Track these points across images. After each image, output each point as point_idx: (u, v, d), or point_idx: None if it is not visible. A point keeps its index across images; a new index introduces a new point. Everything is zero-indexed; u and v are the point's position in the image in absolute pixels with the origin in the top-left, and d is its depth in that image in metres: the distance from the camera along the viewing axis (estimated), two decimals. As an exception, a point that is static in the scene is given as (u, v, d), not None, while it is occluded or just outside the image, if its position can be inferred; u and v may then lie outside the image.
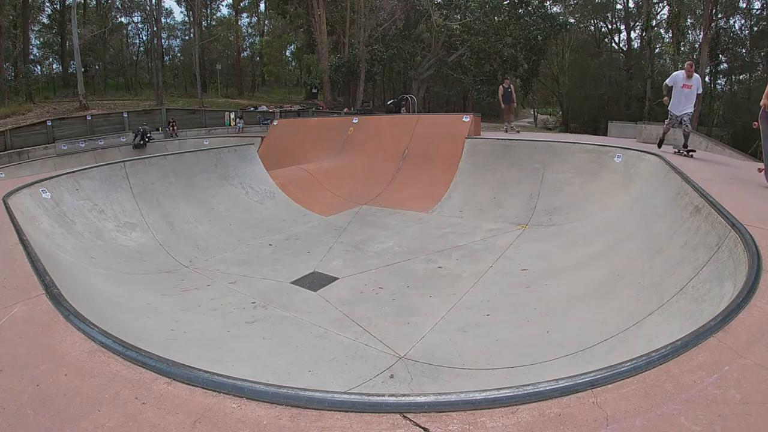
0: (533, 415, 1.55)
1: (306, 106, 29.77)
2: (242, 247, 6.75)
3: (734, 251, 2.75)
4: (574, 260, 5.27)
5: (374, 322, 4.30)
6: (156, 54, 33.74)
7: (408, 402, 1.66)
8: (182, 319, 4.23)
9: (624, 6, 35.79)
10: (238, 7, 43.15)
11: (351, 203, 9.07)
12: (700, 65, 26.18)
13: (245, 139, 19.21)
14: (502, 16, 27.77)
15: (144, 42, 42.02)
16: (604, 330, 3.28)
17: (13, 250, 3.42)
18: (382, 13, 30.70)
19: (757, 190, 4.55)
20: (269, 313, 4.55)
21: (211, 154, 8.61)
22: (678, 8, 25.71)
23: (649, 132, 10.56)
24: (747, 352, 1.80)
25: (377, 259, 6.07)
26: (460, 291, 4.90)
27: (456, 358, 3.57)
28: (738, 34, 29.90)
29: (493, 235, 6.84)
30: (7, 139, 19.26)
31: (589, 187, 7.49)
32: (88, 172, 6.72)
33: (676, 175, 4.95)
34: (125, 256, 5.80)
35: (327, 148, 11.70)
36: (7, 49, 29.35)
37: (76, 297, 2.97)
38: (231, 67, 42.29)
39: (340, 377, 3.34)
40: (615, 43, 38.64)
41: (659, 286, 3.35)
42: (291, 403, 1.67)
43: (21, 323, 2.35)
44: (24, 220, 4.62)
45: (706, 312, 2.43)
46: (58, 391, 1.79)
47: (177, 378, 1.85)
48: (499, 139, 9.34)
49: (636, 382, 1.68)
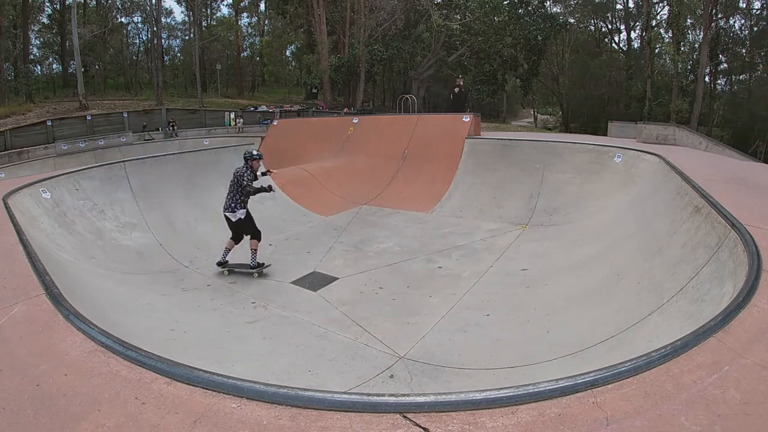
0: (533, 415, 1.55)
1: (306, 106, 29.79)
2: (242, 246, 6.74)
3: (734, 251, 2.75)
4: (574, 260, 5.26)
5: (374, 322, 4.30)
6: (156, 54, 33.75)
7: (408, 402, 1.66)
8: (182, 319, 4.24)
9: (624, 6, 35.85)
10: (238, 7, 43.15)
11: (351, 203, 9.06)
12: (700, 65, 26.20)
13: (245, 139, 19.21)
14: (502, 16, 27.75)
15: (144, 42, 42.08)
16: (604, 330, 3.28)
17: (13, 250, 3.42)
18: (382, 13, 30.70)
19: (757, 190, 4.55)
20: (269, 313, 4.55)
21: (211, 154, 8.61)
22: (678, 8, 25.67)
23: (649, 132, 10.55)
24: (747, 352, 1.80)
25: (377, 259, 6.07)
26: (460, 291, 4.89)
27: (456, 358, 3.57)
28: (738, 34, 29.93)
29: (493, 235, 6.84)
30: (7, 139, 19.27)
31: (589, 187, 7.49)
32: (88, 172, 6.72)
33: (676, 175, 4.95)
34: (125, 256, 5.80)
35: (327, 148, 11.70)
36: (7, 49, 29.35)
37: (76, 297, 2.97)
38: (231, 67, 42.31)
39: (340, 377, 3.34)
40: (615, 43, 38.68)
41: (659, 286, 3.35)
42: (291, 403, 1.67)
43: (21, 323, 2.35)
44: (24, 220, 4.62)
45: (706, 312, 2.43)
46: (58, 391, 1.79)
47: (177, 378, 1.85)
48: (499, 139, 9.34)
49: (636, 382, 1.67)
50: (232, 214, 5.55)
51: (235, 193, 5.54)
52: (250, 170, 5.61)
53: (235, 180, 5.55)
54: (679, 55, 27.16)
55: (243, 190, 5.51)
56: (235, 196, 5.54)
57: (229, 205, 5.56)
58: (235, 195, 5.54)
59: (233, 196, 5.55)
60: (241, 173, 5.54)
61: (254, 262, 5.62)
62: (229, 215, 5.58)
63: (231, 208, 5.55)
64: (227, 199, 5.59)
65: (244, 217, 5.60)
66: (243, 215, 5.58)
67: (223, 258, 5.71)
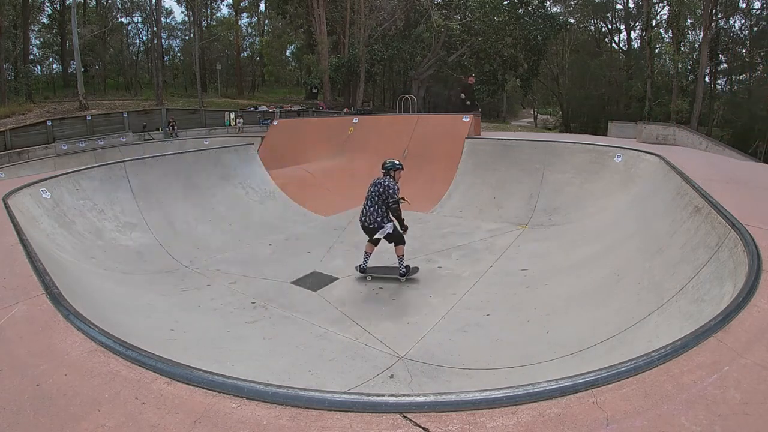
0: (533, 415, 1.55)
1: (306, 106, 29.80)
2: (242, 247, 6.75)
3: (734, 251, 2.75)
4: (574, 260, 5.26)
5: (374, 322, 4.30)
6: (156, 54, 33.76)
7: (408, 402, 1.66)
8: (182, 319, 4.23)
9: (624, 6, 35.85)
10: (238, 7, 43.15)
11: (351, 203, 9.06)
12: (700, 65, 26.19)
13: (245, 139, 19.21)
14: (502, 16, 27.77)
15: (144, 42, 42.09)
16: (604, 330, 3.28)
17: (13, 250, 3.42)
18: (382, 13, 30.70)
19: (757, 190, 4.55)
20: (269, 313, 4.55)
21: (211, 154, 8.61)
22: (678, 8, 25.68)
23: (649, 132, 10.55)
24: (747, 352, 1.79)
25: (377, 260, 6.06)
26: (460, 291, 4.90)
27: (456, 358, 3.57)
28: (738, 34, 29.93)
29: (493, 235, 6.84)
30: (7, 139, 19.27)
31: (589, 187, 7.49)
32: (88, 172, 6.72)
33: (676, 175, 4.95)
34: (125, 256, 5.80)
35: (327, 148, 11.70)
36: (7, 49, 29.35)
37: (76, 297, 2.97)
38: (231, 67, 42.31)
39: (340, 377, 3.34)
40: (615, 43, 38.69)
41: (659, 286, 3.35)
42: (291, 403, 1.67)
43: (21, 323, 2.35)
44: (24, 220, 4.62)
45: (706, 312, 2.43)
46: (58, 391, 1.79)
47: (177, 378, 1.85)
48: (499, 139, 9.34)
49: (636, 382, 1.67)
50: (380, 229, 5.07)
51: (379, 206, 5.04)
52: (395, 184, 5.13)
53: (379, 192, 5.05)
54: (679, 55, 27.17)
55: (388, 207, 5.02)
56: (379, 209, 5.04)
57: (375, 219, 5.05)
58: (379, 208, 5.04)
59: (377, 208, 5.04)
60: (387, 186, 5.05)
61: (403, 269, 5.20)
62: (375, 229, 5.08)
63: (377, 222, 5.05)
64: (369, 212, 5.07)
65: (393, 229, 5.13)
66: (391, 229, 5.11)
67: (364, 263, 5.29)
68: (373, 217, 5.06)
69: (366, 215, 5.12)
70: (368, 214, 5.09)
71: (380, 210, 5.05)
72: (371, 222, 5.08)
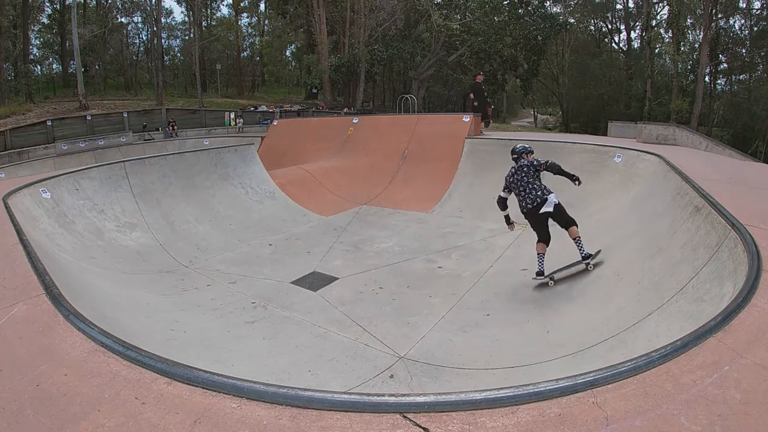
0: (533, 415, 1.55)
1: (306, 106, 29.78)
2: (242, 247, 6.75)
3: (734, 251, 2.75)
4: (574, 260, 5.25)
5: (374, 322, 4.30)
6: (156, 54, 33.71)
7: (408, 402, 1.66)
8: (182, 319, 4.23)
9: (624, 6, 35.87)
10: (238, 7, 43.13)
11: (351, 203, 9.07)
12: (700, 65, 26.20)
13: (245, 139, 19.20)
14: (502, 16, 27.79)
15: (144, 42, 42.04)
16: (604, 330, 3.28)
17: (13, 250, 3.42)
18: (382, 13, 30.71)
19: (757, 190, 4.54)
20: (269, 313, 4.55)
21: (211, 154, 8.61)
22: (678, 8, 25.71)
23: (649, 132, 10.53)
24: (747, 352, 1.80)
25: (377, 259, 6.07)
26: (460, 291, 4.90)
27: (456, 358, 3.57)
28: (738, 34, 29.92)
29: (493, 235, 6.84)
30: (7, 139, 19.27)
31: (589, 187, 7.46)
32: (88, 172, 6.72)
33: (676, 175, 4.95)
34: (125, 256, 5.80)
35: (327, 148, 11.70)
36: (7, 49, 29.32)
37: (76, 297, 2.97)
38: (231, 67, 42.28)
39: (340, 377, 3.34)
40: (615, 43, 38.72)
41: (659, 286, 3.34)
42: (291, 403, 1.67)
43: (21, 323, 2.35)
44: (24, 220, 4.62)
45: (706, 312, 2.43)
46: (58, 391, 1.79)
47: (177, 378, 1.85)
48: (499, 139, 9.34)
49: (636, 382, 1.67)
50: (546, 204, 4.68)
51: (534, 182, 4.78)
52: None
53: (529, 172, 4.81)
54: (679, 55, 27.21)
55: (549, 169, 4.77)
56: (534, 184, 4.77)
57: (536, 196, 4.71)
58: (535, 183, 4.77)
59: (534, 183, 4.77)
60: (530, 161, 4.87)
61: (585, 252, 4.70)
62: (544, 208, 4.68)
63: (539, 197, 4.70)
64: (527, 195, 4.77)
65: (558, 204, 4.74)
66: (556, 199, 4.74)
67: (540, 266, 4.82)
68: (532, 196, 4.75)
69: (525, 200, 4.82)
70: (526, 196, 4.80)
71: (536, 184, 4.80)
72: (532, 201, 4.74)
